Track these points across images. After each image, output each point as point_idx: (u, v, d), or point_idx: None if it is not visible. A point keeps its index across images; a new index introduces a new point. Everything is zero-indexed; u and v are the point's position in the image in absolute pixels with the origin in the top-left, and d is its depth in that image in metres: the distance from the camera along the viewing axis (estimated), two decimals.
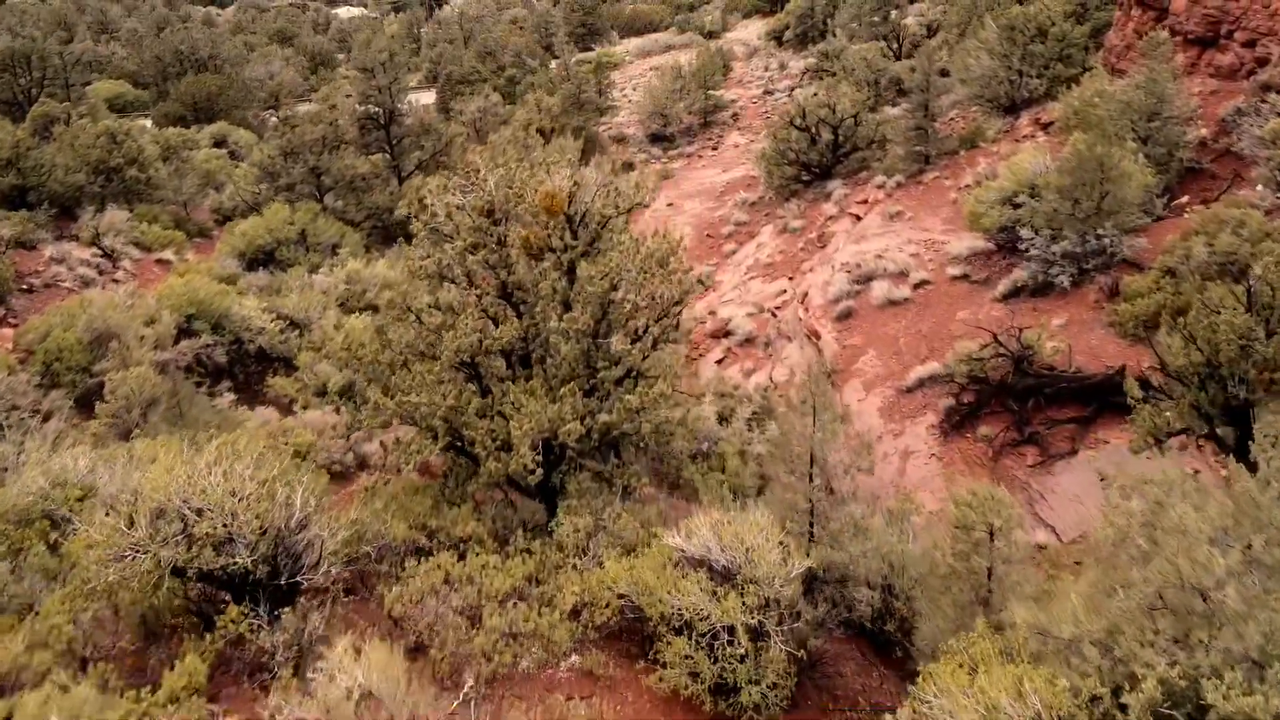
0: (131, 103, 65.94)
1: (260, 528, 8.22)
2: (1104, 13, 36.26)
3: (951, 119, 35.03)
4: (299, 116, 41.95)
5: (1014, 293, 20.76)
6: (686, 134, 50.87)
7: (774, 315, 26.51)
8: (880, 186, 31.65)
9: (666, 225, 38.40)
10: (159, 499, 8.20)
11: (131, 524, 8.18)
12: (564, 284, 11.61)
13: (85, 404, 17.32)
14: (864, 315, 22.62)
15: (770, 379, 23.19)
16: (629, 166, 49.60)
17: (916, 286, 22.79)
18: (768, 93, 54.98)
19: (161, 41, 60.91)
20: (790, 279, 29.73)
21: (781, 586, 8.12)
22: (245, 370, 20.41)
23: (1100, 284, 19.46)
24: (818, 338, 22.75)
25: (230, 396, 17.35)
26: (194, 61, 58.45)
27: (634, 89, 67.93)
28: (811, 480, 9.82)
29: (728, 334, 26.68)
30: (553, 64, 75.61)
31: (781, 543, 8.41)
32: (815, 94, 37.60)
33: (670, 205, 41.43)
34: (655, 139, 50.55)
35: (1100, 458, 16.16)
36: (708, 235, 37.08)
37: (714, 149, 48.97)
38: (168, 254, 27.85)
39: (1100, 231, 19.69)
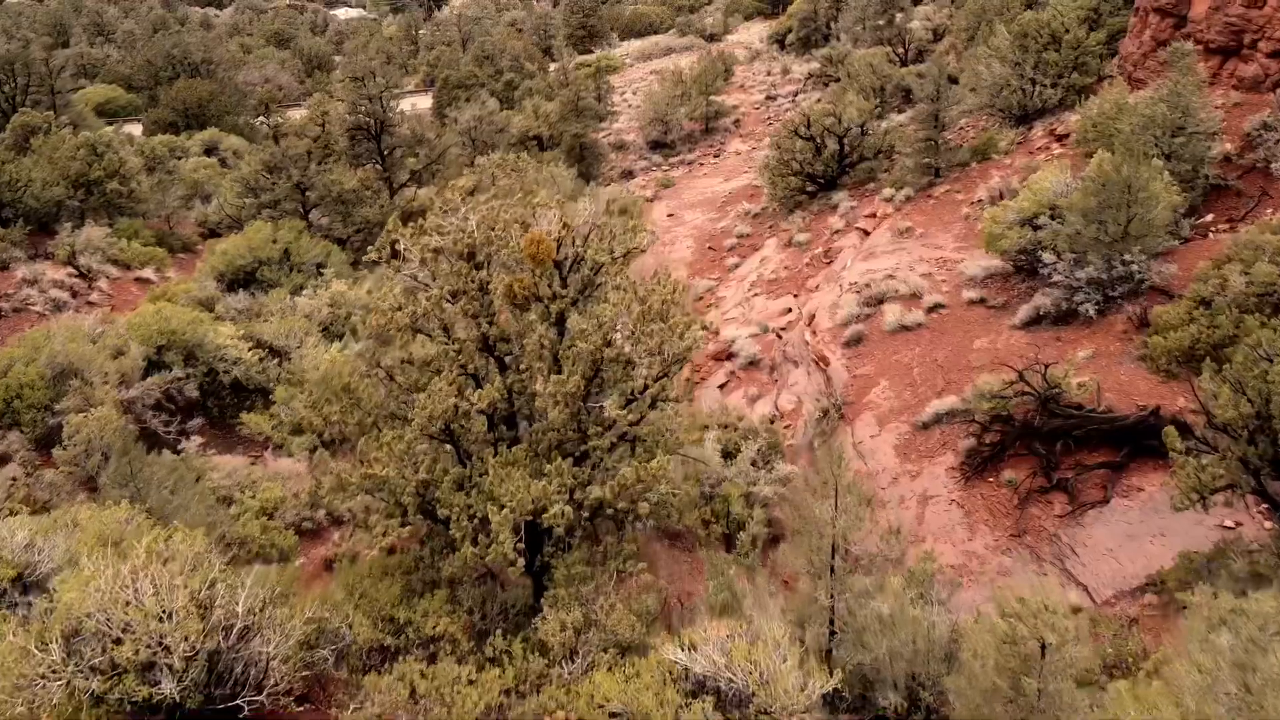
0: (124, 107, 64.75)
1: (192, 648, 6.99)
2: (1118, 19, 34.99)
3: (961, 129, 33.77)
4: (286, 126, 40.80)
5: (1035, 320, 19.53)
6: (687, 141, 49.61)
7: (779, 337, 25.27)
8: (888, 200, 30.41)
9: (667, 238, 37.18)
10: (76, 615, 6.97)
11: (43, 645, 6.96)
12: (553, 335, 10.39)
13: (46, 445, 16.13)
14: (875, 341, 21.38)
15: (776, 407, 21.96)
16: (629, 175, 48.45)
17: (930, 311, 21.55)
18: (770, 98, 53.72)
19: (153, 45, 59.70)
20: (795, 296, 28.49)
21: (802, 714, 6.93)
22: (220, 402, 19.19)
23: (1128, 313, 18.23)
24: (826, 365, 21.51)
25: (198, 440, 16.10)
26: (186, 66, 57.24)
27: (634, 93, 66.66)
28: (833, 572, 8.61)
29: (730, 356, 25.45)
30: (552, 67, 74.51)
31: (801, 659, 7.21)
32: (820, 102, 36.40)
33: (670, 216, 40.20)
34: (655, 146, 49.31)
35: (1135, 509, 14.93)
36: (709, 248, 35.84)
37: (715, 157, 47.71)
38: (148, 272, 26.64)
39: (1127, 257, 18.46)
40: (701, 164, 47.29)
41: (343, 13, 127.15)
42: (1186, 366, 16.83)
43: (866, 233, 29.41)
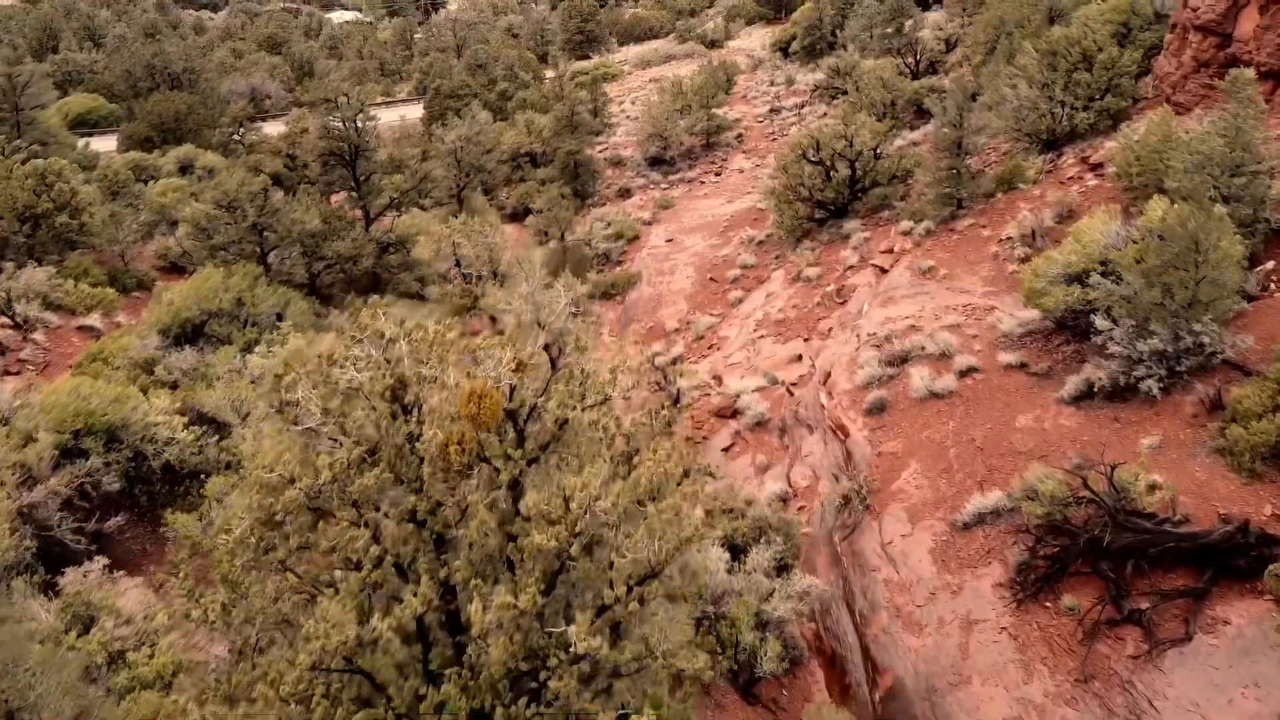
0: (106, 117, 61.91)
1: None
2: (1150, 33, 32.25)
3: (982, 153, 31.01)
4: (261, 145, 38.13)
5: (1086, 394, 16.85)
6: (687, 157, 46.84)
7: (790, 393, 22.58)
8: (907, 233, 27.70)
9: (666, 267, 34.46)
10: None
11: None
12: (507, 508, 7.70)
13: None
14: (901, 410, 18.69)
15: (789, 482, 19.27)
16: (625, 193, 45.73)
17: (963, 375, 18.87)
18: (774, 110, 50.93)
19: (132, 54, 56.86)
20: (805, 340, 25.80)
21: None
22: (149, 490, 16.51)
23: (1199, 394, 15.56)
24: (845, 435, 18.82)
25: (102, 561, 13.43)
26: (167, 76, 54.46)
27: (632, 103, 63.82)
28: None
29: (736, 413, 22.75)
30: (548, 74, 71.69)
31: None
32: (827, 116, 33.71)
33: (670, 241, 37.46)
34: (654, 162, 46.53)
35: (1222, 649, 12.26)
36: (711, 279, 33.14)
37: (717, 175, 44.94)
38: (93, 318, 23.96)
39: (1197, 327, 15.79)
40: (702, 182, 44.53)
41: (338, 15, 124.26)
42: (1275, 465, 14.18)
43: (883, 270, 26.70)
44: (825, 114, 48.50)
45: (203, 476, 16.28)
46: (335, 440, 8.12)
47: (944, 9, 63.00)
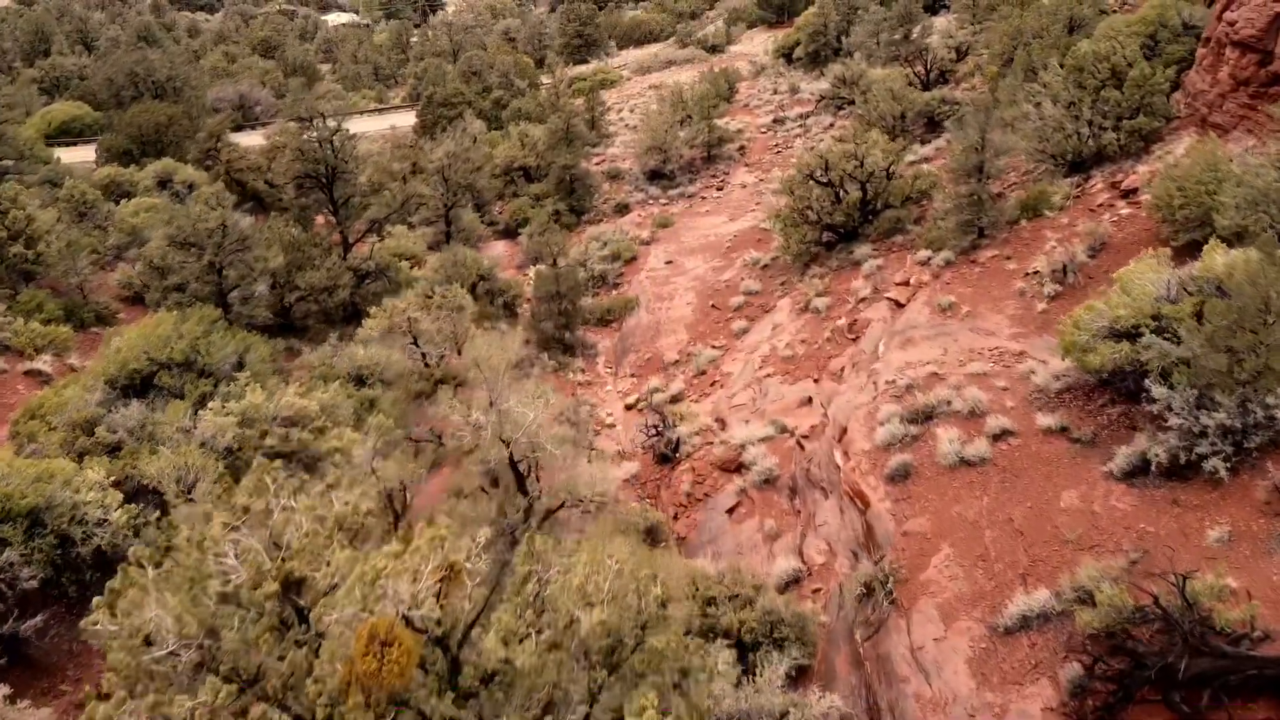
0: (90, 126, 59.77)
1: None
2: (1178, 46, 30.15)
3: (1003, 174, 28.90)
4: (239, 161, 36.07)
5: (1140, 469, 14.81)
6: (687, 171, 44.72)
7: (800, 445, 20.51)
8: (924, 263, 25.62)
9: (665, 292, 32.37)
10: None
11: None
12: None
13: None
14: (927, 478, 16.65)
15: (801, 557, 17.22)
16: (623, 209, 43.63)
17: (997, 438, 16.82)
18: (777, 121, 48.79)
19: (114, 63, 54.76)
20: (816, 380, 23.74)
21: None
22: (79, 579, 14.48)
23: (1273, 477, 13.52)
24: (865, 505, 16.78)
25: (3, 691, 11.40)
26: (150, 85, 52.38)
27: (631, 111, 61.67)
28: None
29: (741, 467, 20.69)
30: (545, 79, 69.57)
31: None
32: (833, 128, 31.64)
33: (669, 263, 35.37)
34: (653, 176, 44.42)
35: None
36: (713, 306, 31.05)
37: (718, 190, 42.84)
38: (43, 360, 21.91)
39: (1270, 400, 13.73)
40: (703, 198, 42.44)
41: (334, 17, 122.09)
42: None
43: (899, 304, 24.63)
44: (831, 124, 46.41)
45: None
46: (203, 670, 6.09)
47: (952, 14, 60.95)
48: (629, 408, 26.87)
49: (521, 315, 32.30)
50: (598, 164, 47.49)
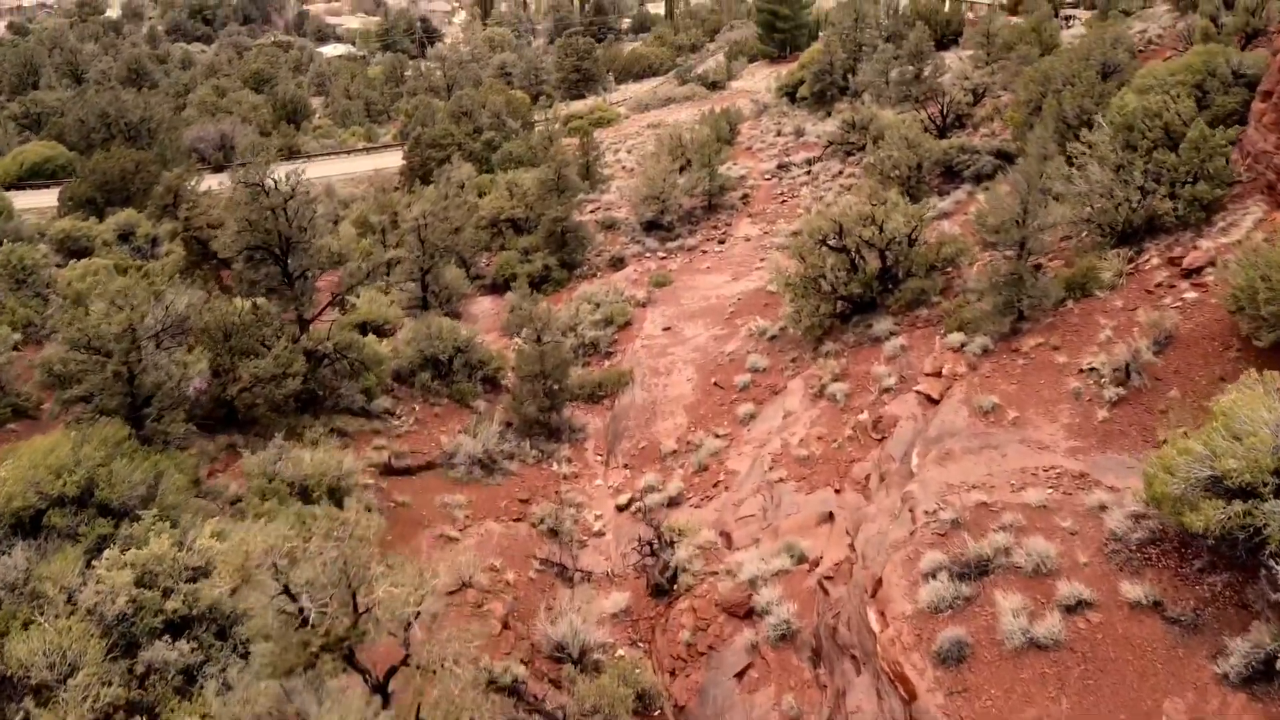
0: (63, 167, 56.72)
1: None
2: (1229, 97, 26.94)
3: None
4: (198, 218, 32.79)
5: (1263, 670, 11.36)
6: (687, 221, 41.48)
7: (824, 589, 17.00)
8: (957, 350, 22.21)
9: (663, 364, 28.93)
10: None
11: None
12: None
13: None
14: (988, 664, 13.17)
15: None
16: (618, 263, 40.34)
17: (1070, 610, 13.38)
18: (782, 167, 45.60)
19: (85, 103, 51.73)
20: (837, 491, 20.26)
21: None
22: None
23: None
24: (910, 695, 13.27)
25: None
26: (123, 126, 49.33)
27: (628, 151, 58.53)
28: None
29: (752, 613, 17.18)
30: (542, 115, 66.59)
31: None
32: (852, 199, 28.38)
33: (667, 330, 31.99)
34: (650, 227, 41.15)
35: None
36: (715, 384, 27.62)
37: (720, 243, 39.57)
38: None
39: None
40: (704, 251, 39.16)
41: (331, 49, 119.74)
42: None
43: (931, 399, 21.20)
44: (840, 172, 43.24)
45: None
46: None
47: (963, 49, 57.99)
48: (621, 509, 23.38)
49: (506, 389, 28.92)
50: (592, 212, 44.29)
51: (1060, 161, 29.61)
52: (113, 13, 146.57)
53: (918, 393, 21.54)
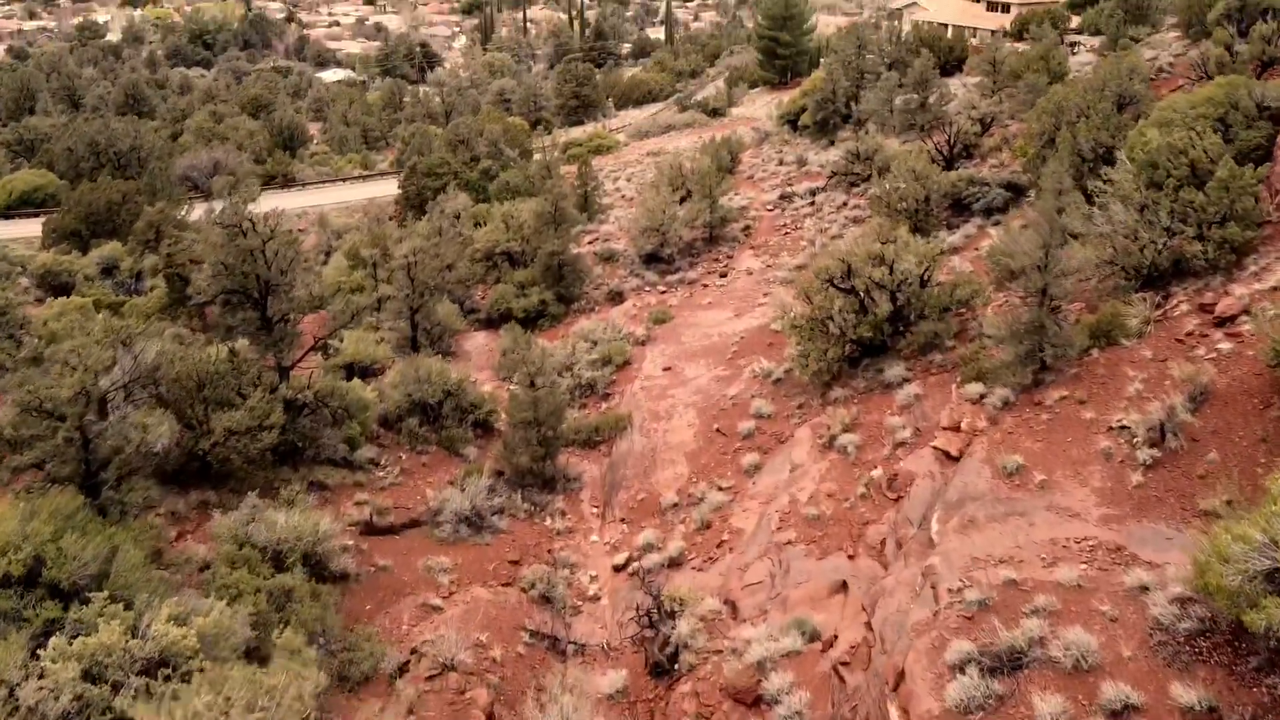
0: (53, 196, 55.68)
1: None
2: (1254, 132, 25.77)
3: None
4: (181, 255, 31.53)
5: None
6: (687, 253, 40.24)
7: (840, 676, 15.51)
8: (976, 401, 20.83)
9: (663, 407, 27.55)
10: None
11: None
12: None
13: None
14: None
15: None
16: (617, 297, 39.07)
17: (1117, 715, 11.95)
18: (785, 197, 44.44)
19: (73, 131, 50.69)
20: (851, 557, 18.81)
21: None
22: None
23: None
24: None
25: None
26: (112, 155, 48.26)
27: (628, 180, 57.46)
28: None
29: (760, 700, 15.69)
30: (541, 142, 65.68)
31: None
32: (861, 237, 27.13)
33: (667, 370, 30.62)
34: (650, 259, 39.92)
35: None
36: (718, 430, 26.22)
37: (722, 276, 38.32)
38: None
39: None
40: (705, 285, 37.89)
41: (331, 74, 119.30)
42: None
43: (949, 456, 19.80)
44: (845, 203, 42.06)
45: None
46: None
47: (966, 75, 57.01)
48: (618, 569, 21.91)
49: (498, 432, 27.51)
50: (590, 243, 43.10)
51: (1077, 196, 28.59)
52: (113, 37, 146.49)
53: (935, 449, 20.13)
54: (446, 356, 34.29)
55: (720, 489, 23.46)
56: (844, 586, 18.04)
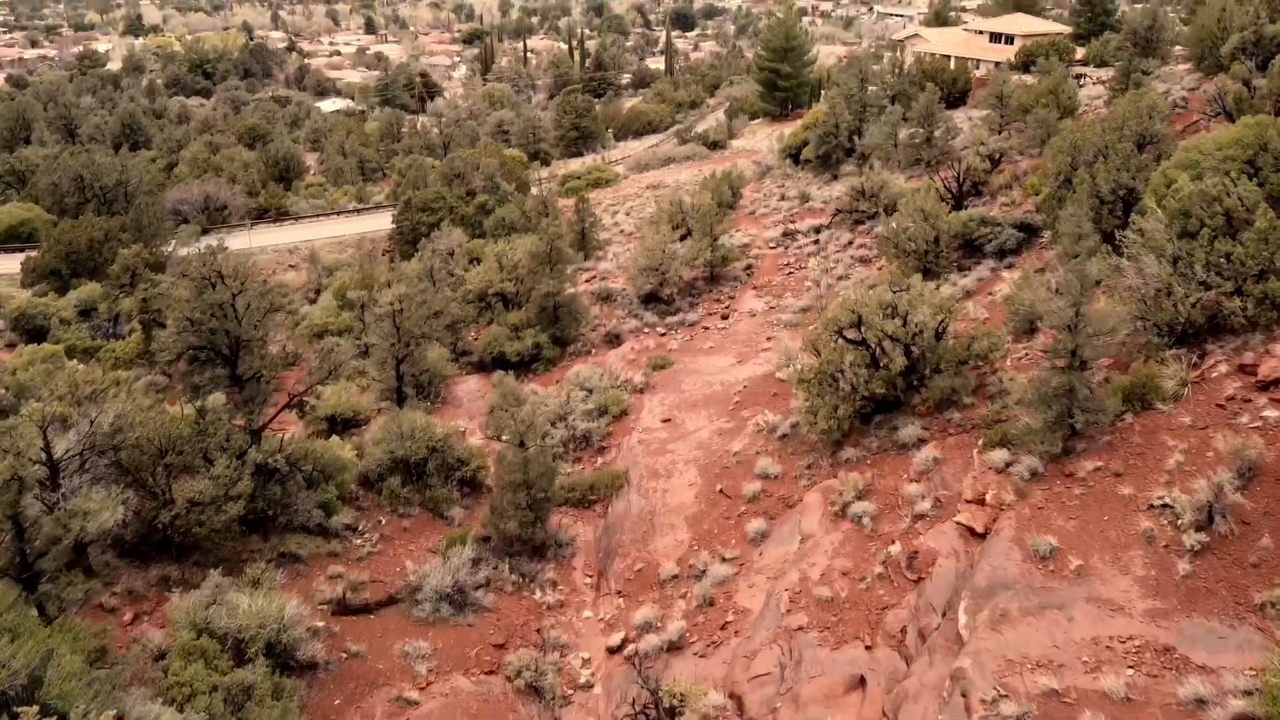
0: (40, 229, 54.37)
1: None
2: None
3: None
4: (156, 300, 29.99)
5: None
6: (688, 293, 38.77)
7: None
8: (1001, 470, 19.19)
9: (662, 464, 25.80)
10: None
11: None
12: None
13: None
14: None
15: None
16: (614, 340, 37.53)
17: None
18: (788, 234, 43.01)
19: (58, 166, 49.40)
20: (868, 648, 17.07)
21: None
22: None
23: None
24: None
25: None
26: (98, 190, 46.93)
27: (627, 214, 56.19)
28: None
29: None
30: (539, 176, 64.63)
31: None
32: (873, 283, 25.66)
33: (667, 421, 28.97)
34: (649, 299, 38.45)
35: None
36: (721, 491, 24.53)
37: (723, 318, 36.78)
38: None
39: None
40: (706, 327, 36.36)
41: (330, 104, 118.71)
42: None
43: (974, 532, 18.13)
44: (850, 242, 40.62)
45: None
46: None
47: (971, 108, 55.86)
48: (613, 651, 20.14)
49: (486, 488, 25.81)
50: (587, 282, 41.66)
51: (1094, 239, 27.15)
52: (114, 66, 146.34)
53: (958, 524, 18.46)
54: (436, 402, 32.73)
55: (724, 559, 21.74)
56: (862, 682, 16.31)
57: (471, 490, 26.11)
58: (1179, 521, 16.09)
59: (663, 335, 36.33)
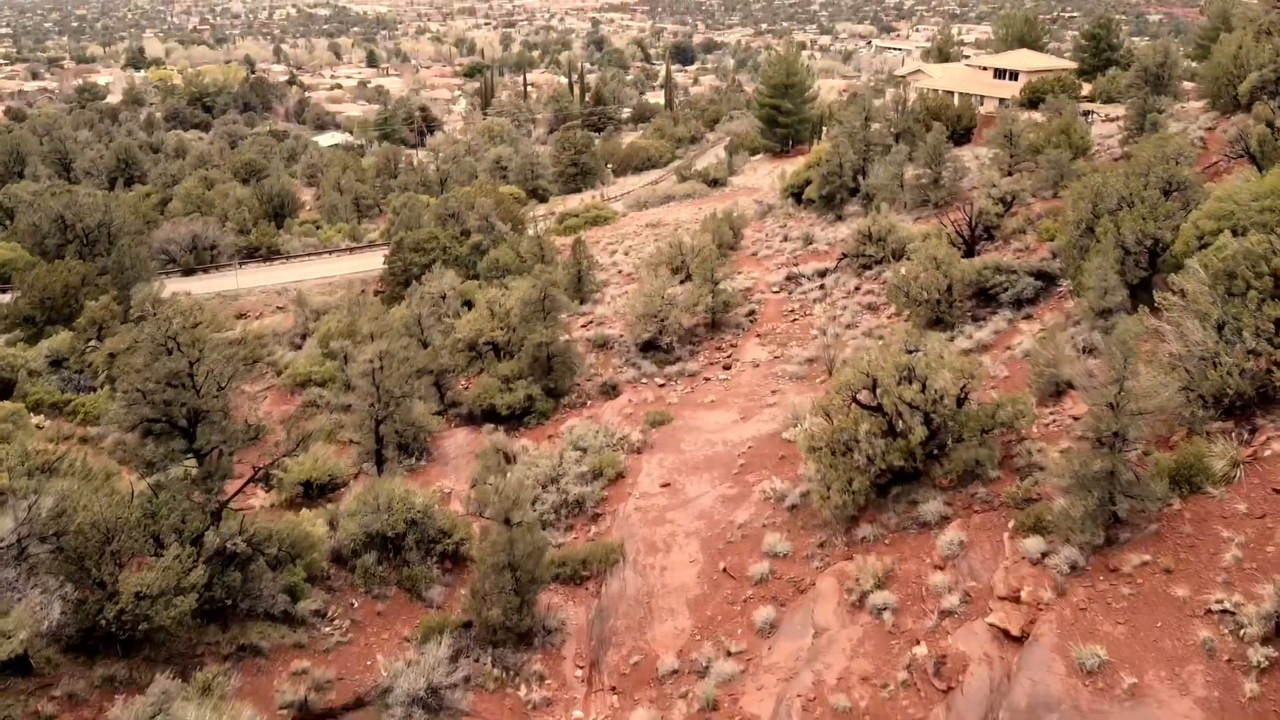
0: (22, 270, 52.77)
1: None
2: None
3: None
4: (116, 351, 28.25)
5: None
6: (688, 341, 37.01)
7: None
8: (1037, 562, 17.27)
9: (660, 537, 23.52)
10: None
11: None
12: None
13: None
14: None
15: None
16: (611, 391, 35.76)
17: None
18: (791, 278, 41.34)
19: (39, 206, 47.90)
20: None
21: None
22: None
23: None
24: None
25: None
26: (80, 232, 45.36)
27: (625, 253, 54.68)
28: None
29: None
30: (536, 212, 63.19)
31: None
32: (888, 346, 23.84)
33: (666, 486, 27.01)
34: (647, 347, 36.68)
35: None
36: (725, 570, 22.54)
37: (725, 369, 34.97)
38: None
39: None
40: (707, 378, 34.52)
41: (328, 138, 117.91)
42: None
43: (1010, 636, 16.17)
44: (857, 288, 38.94)
45: None
46: None
47: (979, 144, 54.54)
48: None
49: (470, 561, 23.80)
50: (584, 327, 39.94)
51: (1122, 294, 25.47)
52: (114, 98, 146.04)
53: (991, 625, 16.50)
54: (421, 460, 30.86)
55: (729, 653, 19.70)
56: None
57: (454, 565, 24.11)
58: (1242, 632, 14.16)
59: (661, 386, 34.49)
